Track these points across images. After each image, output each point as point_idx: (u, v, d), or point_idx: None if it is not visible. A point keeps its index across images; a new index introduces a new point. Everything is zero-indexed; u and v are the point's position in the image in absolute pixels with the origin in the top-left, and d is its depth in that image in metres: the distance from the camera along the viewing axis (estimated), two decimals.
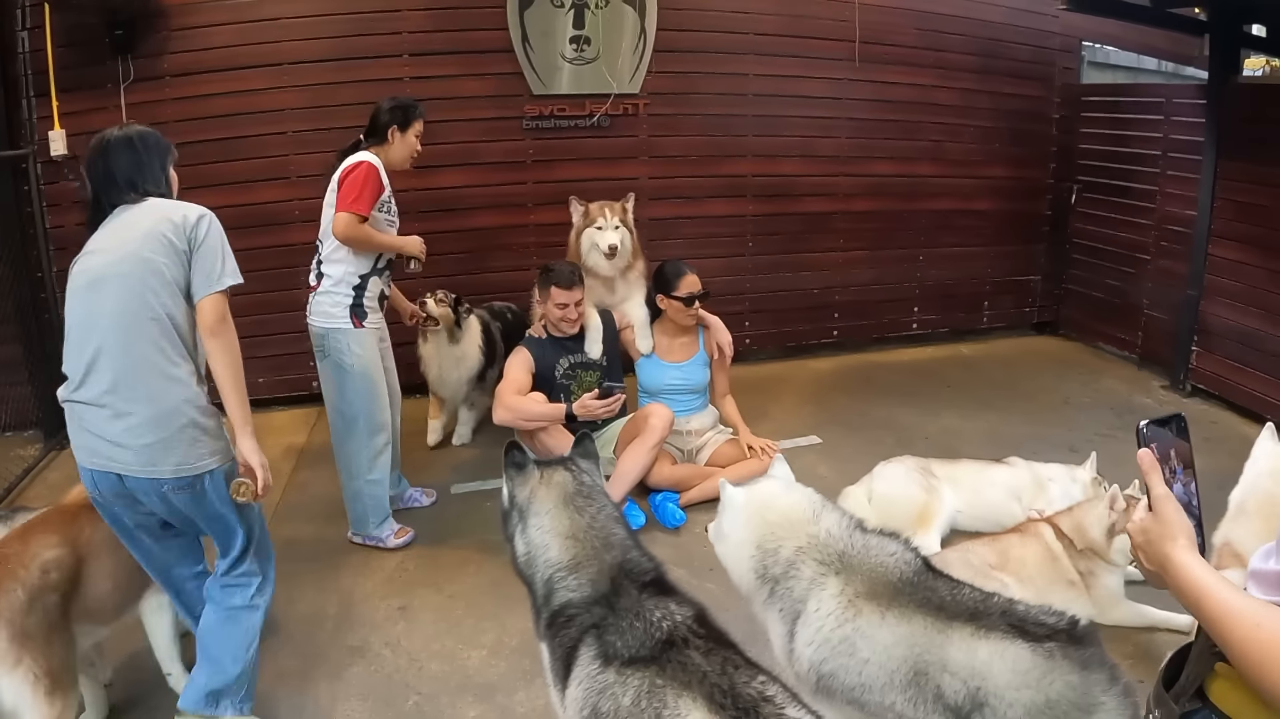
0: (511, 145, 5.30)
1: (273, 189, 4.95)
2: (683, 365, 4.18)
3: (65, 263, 4.71)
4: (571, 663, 1.69)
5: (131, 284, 2.23)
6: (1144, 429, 1.17)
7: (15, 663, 2.09)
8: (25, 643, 2.12)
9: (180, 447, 2.25)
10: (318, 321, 3.49)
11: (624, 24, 5.24)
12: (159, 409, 2.23)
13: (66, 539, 2.37)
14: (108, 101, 4.69)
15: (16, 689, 2.09)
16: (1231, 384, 5.01)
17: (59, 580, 2.27)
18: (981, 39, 6.01)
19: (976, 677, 1.79)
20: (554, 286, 3.87)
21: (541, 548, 1.84)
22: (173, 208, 2.34)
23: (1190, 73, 7.52)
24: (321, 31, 4.93)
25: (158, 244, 2.25)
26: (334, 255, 3.46)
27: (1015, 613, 1.86)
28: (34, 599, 2.18)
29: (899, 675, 1.87)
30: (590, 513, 1.87)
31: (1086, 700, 1.76)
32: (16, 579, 2.18)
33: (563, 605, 1.77)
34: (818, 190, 5.86)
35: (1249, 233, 4.89)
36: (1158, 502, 1.14)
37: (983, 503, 3.60)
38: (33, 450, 4.59)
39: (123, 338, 2.22)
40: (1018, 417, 4.95)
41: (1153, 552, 1.14)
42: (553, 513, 1.87)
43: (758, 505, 2.16)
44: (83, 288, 2.28)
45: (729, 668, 1.55)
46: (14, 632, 2.11)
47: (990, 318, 6.59)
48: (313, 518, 3.92)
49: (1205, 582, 1.07)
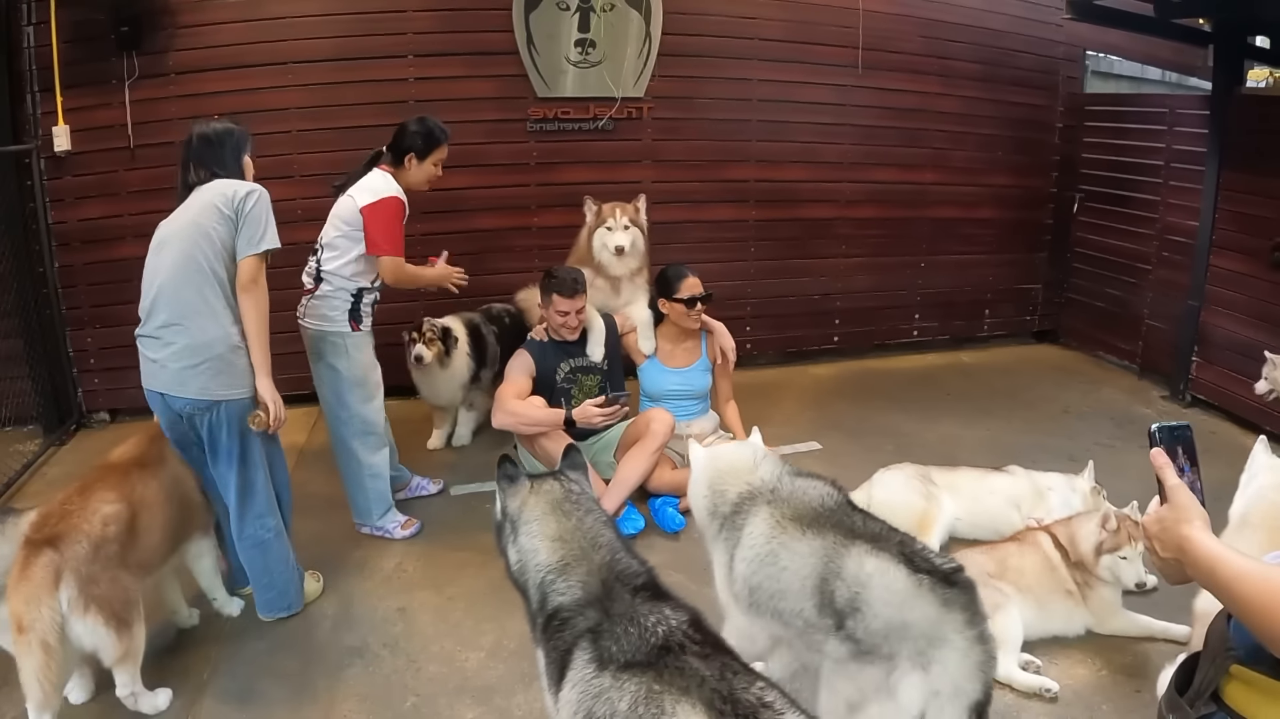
0: (515, 147, 5.30)
1: (276, 187, 4.80)
2: (685, 370, 4.19)
3: (67, 258, 4.80)
4: (566, 666, 1.69)
5: (185, 245, 2.76)
6: (1156, 431, 1.24)
7: (85, 608, 2.39)
8: (93, 589, 2.41)
9: (205, 374, 2.75)
10: (313, 324, 3.54)
11: (629, 28, 5.25)
12: (195, 341, 2.75)
13: (122, 495, 2.65)
14: (112, 98, 4.69)
15: (91, 630, 2.40)
16: (1231, 395, 5.01)
17: (117, 532, 2.56)
18: (986, 47, 6.02)
19: (859, 585, 2.06)
20: (556, 294, 3.88)
21: (531, 552, 1.87)
22: (229, 184, 2.83)
23: (1194, 83, 7.54)
24: (327, 31, 4.93)
25: (211, 213, 2.77)
26: (339, 268, 3.51)
27: (909, 546, 2.12)
28: (97, 549, 2.47)
29: (809, 582, 2.14)
30: (577, 516, 1.90)
31: (936, 633, 1.98)
32: (81, 532, 2.46)
33: (556, 609, 1.78)
34: (820, 196, 5.87)
35: (1251, 244, 4.89)
36: (1172, 491, 1.19)
37: (982, 511, 3.61)
38: (32, 445, 4.59)
39: (175, 285, 2.75)
40: (1017, 425, 4.96)
41: (1169, 537, 1.17)
42: (541, 519, 1.90)
43: (710, 457, 2.52)
44: (153, 249, 2.83)
45: (727, 673, 1.54)
46: (82, 580, 2.40)
47: (991, 326, 6.59)
48: (312, 517, 3.90)
49: (1218, 551, 1.11)
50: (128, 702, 2.58)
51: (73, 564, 2.39)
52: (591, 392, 4.03)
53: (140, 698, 2.59)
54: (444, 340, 4.41)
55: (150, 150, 4.71)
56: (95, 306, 4.87)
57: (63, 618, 2.35)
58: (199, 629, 3.04)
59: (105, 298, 4.82)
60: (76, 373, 4.97)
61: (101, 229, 4.78)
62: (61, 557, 2.39)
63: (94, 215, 4.82)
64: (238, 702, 2.73)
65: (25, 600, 2.32)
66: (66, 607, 2.36)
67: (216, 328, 2.77)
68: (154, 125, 4.73)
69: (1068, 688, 2.74)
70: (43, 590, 2.33)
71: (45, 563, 2.36)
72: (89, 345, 4.93)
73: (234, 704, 2.72)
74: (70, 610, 2.36)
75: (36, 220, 4.71)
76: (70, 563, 2.39)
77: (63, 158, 4.70)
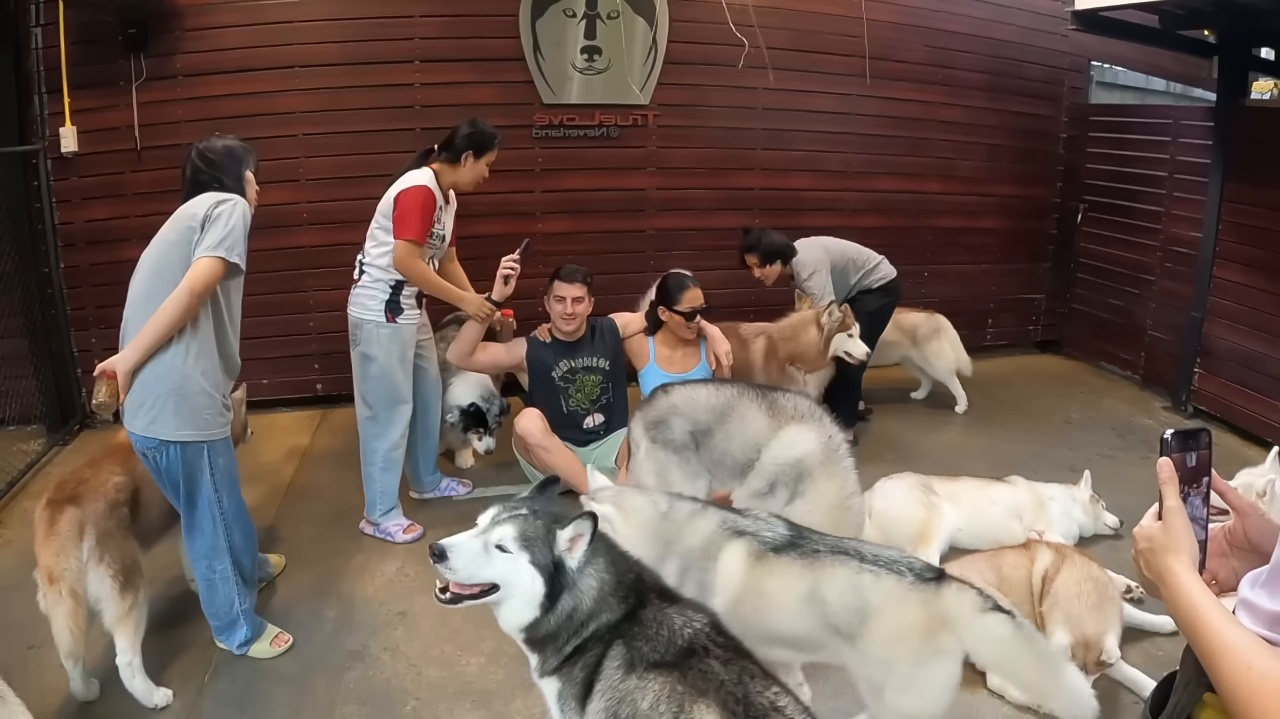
0: (520, 154, 5.30)
1: (281, 191, 4.94)
2: (684, 376, 4.18)
3: (72, 259, 4.81)
4: (594, 679, 1.70)
5: (152, 264, 2.64)
6: (1168, 439, 1.16)
7: (99, 559, 2.56)
8: (107, 543, 2.59)
9: (155, 409, 2.59)
10: (354, 311, 3.64)
11: (635, 35, 5.27)
12: (148, 372, 2.59)
13: (126, 469, 2.81)
14: (119, 100, 4.72)
15: (100, 581, 2.55)
16: (1233, 406, 5.01)
17: (126, 498, 2.75)
18: (991, 57, 6.04)
19: None
20: (557, 279, 3.95)
21: (588, 599, 1.78)
22: (210, 196, 2.65)
23: (1198, 94, 7.56)
24: (333, 35, 4.95)
25: (183, 227, 2.61)
26: (377, 260, 3.57)
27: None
28: (111, 510, 2.66)
29: None
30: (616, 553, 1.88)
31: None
32: (98, 493, 2.66)
33: (592, 633, 1.75)
34: (824, 205, 5.87)
35: (1254, 256, 4.90)
36: (1168, 514, 1.14)
37: (983, 521, 3.60)
38: (36, 445, 4.60)
39: (139, 308, 2.61)
40: (1019, 435, 4.96)
41: (1154, 560, 1.13)
42: (596, 570, 1.81)
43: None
44: (137, 266, 2.70)
45: (745, 677, 1.61)
46: (99, 534, 2.58)
47: (994, 335, 6.59)
48: (314, 521, 3.92)
49: (1201, 606, 1.06)
50: (125, 674, 2.61)
51: (93, 519, 2.59)
52: (591, 392, 4.05)
53: (136, 675, 2.62)
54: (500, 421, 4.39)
55: (157, 152, 4.73)
56: (100, 307, 4.88)
57: (84, 570, 2.54)
58: (198, 630, 3.03)
59: (110, 299, 4.76)
60: (80, 373, 4.98)
61: (107, 230, 4.80)
62: (83, 512, 2.59)
63: (100, 216, 4.84)
64: (237, 704, 2.74)
65: (55, 553, 2.52)
66: (86, 556, 2.55)
67: (172, 359, 2.60)
68: (161, 128, 4.75)
69: None
70: (69, 543, 2.53)
71: (70, 518, 2.57)
72: (93, 346, 4.94)
73: (234, 707, 2.73)
74: (88, 559, 2.55)
75: (42, 221, 4.73)
76: (91, 517, 2.59)
77: (69, 159, 4.72)
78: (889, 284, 4.76)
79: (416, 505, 4.04)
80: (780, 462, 3.03)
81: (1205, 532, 1.19)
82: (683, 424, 3.24)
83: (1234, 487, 1.26)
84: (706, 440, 3.22)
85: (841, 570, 2.16)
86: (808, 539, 2.26)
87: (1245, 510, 1.25)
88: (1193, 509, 1.17)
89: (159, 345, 2.56)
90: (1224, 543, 1.26)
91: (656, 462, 3.28)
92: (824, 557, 2.20)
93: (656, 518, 2.30)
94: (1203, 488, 1.19)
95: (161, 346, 2.57)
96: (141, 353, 2.55)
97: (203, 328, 2.63)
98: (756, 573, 2.21)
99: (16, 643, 2.91)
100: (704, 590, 2.21)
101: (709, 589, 2.22)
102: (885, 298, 4.76)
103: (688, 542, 2.27)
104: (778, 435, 3.06)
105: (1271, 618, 1.05)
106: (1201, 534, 1.17)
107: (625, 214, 5.57)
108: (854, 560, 2.17)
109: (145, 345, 2.55)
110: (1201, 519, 1.19)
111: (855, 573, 2.15)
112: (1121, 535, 3.64)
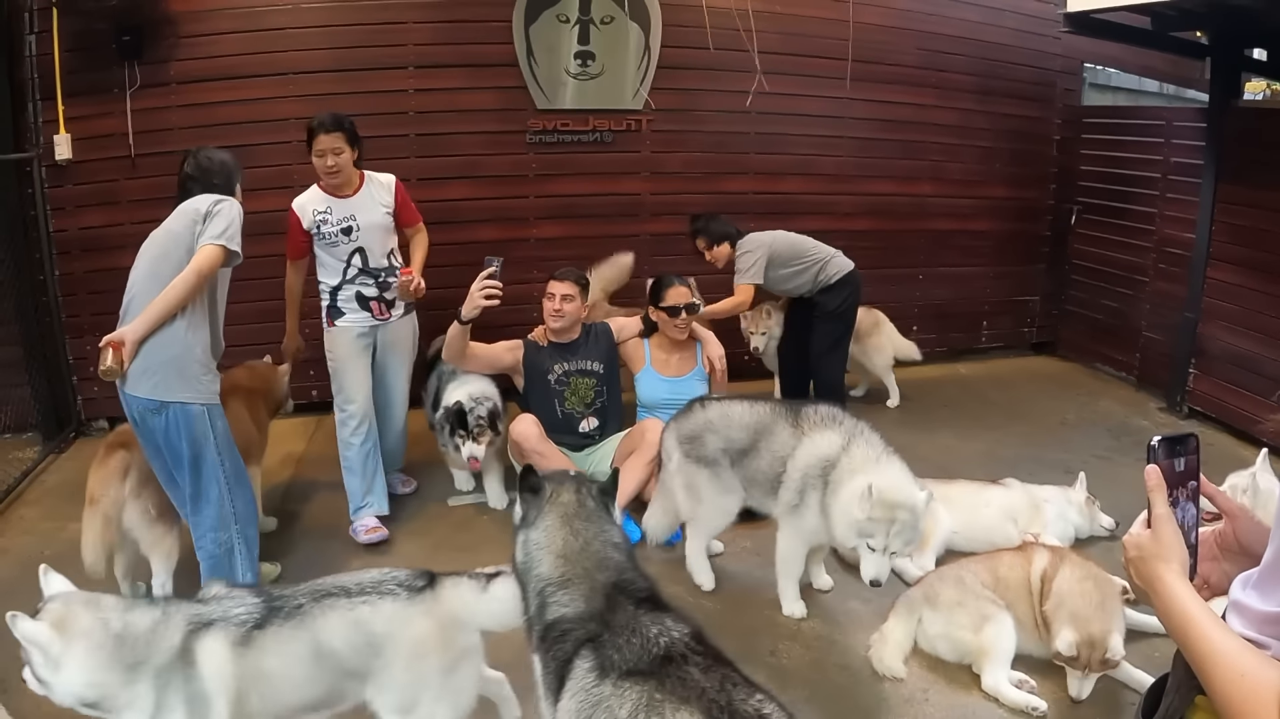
0: (514, 159, 5.32)
1: (275, 198, 4.91)
2: (680, 380, 4.20)
3: (67, 267, 4.81)
4: (565, 676, 1.68)
5: (156, 249, 2.92)
6: (1155, 446, 1.16)
7: (138, 495, 3.04)
8: (147, 484, 3.03)
9: (158, 374, 2.82)
10: None
11: (629, 41, 5.28)
12: (153, 342, 2.82)
13: None
14: (114, 107, 4.72)
15: (138, 514, 3.04)
16: (1228, 407, 5.01)
17: None
18: (983, 59, 6.05)
19: None
20: (551, 279, 4.03)
21: (535, 562, 1.85)
22: (206, 196, 2.95)
23: (1191, 95, 7.58)
24: (327, 42, 4.96)
25: (184, 220, 2.90)
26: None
27: None
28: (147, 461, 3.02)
29: None
30: (586, 536, 1.86)
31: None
32: (136, 447, 3.03)
33: (555, 620, 1.76)
34: (817, 209, 5.86)
35: (1247, 256, 4.91)
36: (1157, 521, 1.13)
37: (978, 524, 3.61)
38: (31, 453, 4.60)
39: (144, 287, 2.87)
40: (1014, 437, 4.96)
41: (1144, 569, 1.13)
42: (549, 529, 1.87)
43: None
44: (138, 256, 2.97)
45: (727, 685, 1.55)
46: (141, 475, 3.03)
47: (988, 338, 6.61)
48: (308, 525, 3.92)
49: (1193, 614, 1.06)
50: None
51: (138, 463, 3.03)
52: (586, 395, 4.05)
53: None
54: (492, 425, 3.99)
55: (151, 159, 4.72)
56: (95, 315, 4.86)
57: (123, 500, 3.01)
58: None
59: (105, 306, 4.74)
60: (76, 381, 4.98)
61: (102, 238, 4.79)
62: (131, 455, 3.05)
63: (94, 224, 4.84)
64: None
65: (100, 481, 3.04)
66: (128, 491, 3.02)
67: (173, 332, 2.83)
68: (155, 134, 4.76)
69: (1057, 707, 2.72)
70: (114, 475, 3.03)
71: (119, 458, 3.06)
72: (88, 353, 4.93)
73: None
74: (129, 493, 3.02)
75: (37, 228, 4.73)
76: (137, 461, 3.03)
77: (64, 166, 4.72)
78: (846, 276, 4.76)
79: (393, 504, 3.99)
80: (803, 466, 3.06)
81: (1195, 540, 1.18)
82: (716, 441, 3.31)
83: (1224, 490, 1.26)
84: (740, 459, 3.27)
85: (335, 615, 2.10)
86: (283, 599, 2.12)
87: (1235, 513, 1.26)
88: (1183, 515, 1.17)
89: (165, 320, 2.82)
90: (1214, 546, 1.26)
91: (687, 475, 3.38)
92: (310, 609, 2.10)
93: (111, 642, 1.96)
94: (1192, 493, 1.18)
95: (166, 321, 2.81)
96: (149, 325, 2.79)
97: (199, 307, 2.91)
98: (249, 659, 2.02)
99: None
100: (197, 704, 1.97)
101: (202, 699, 1.98)
102: (845, 291, 4.75)
103: (156, 659, 1.97)
104: (800, 443, 3.11)
105: (1262, 619, 1.05)
106: (1192, 539, 1.17)
107: (619, 219, 5.57)
108: (343, 599, 2.12)
109: (153, 319, 2.80)
110: (1192, 524, 1.18)
111: (350, 610, 2.11)
112: (1117, 537, 3.63)
